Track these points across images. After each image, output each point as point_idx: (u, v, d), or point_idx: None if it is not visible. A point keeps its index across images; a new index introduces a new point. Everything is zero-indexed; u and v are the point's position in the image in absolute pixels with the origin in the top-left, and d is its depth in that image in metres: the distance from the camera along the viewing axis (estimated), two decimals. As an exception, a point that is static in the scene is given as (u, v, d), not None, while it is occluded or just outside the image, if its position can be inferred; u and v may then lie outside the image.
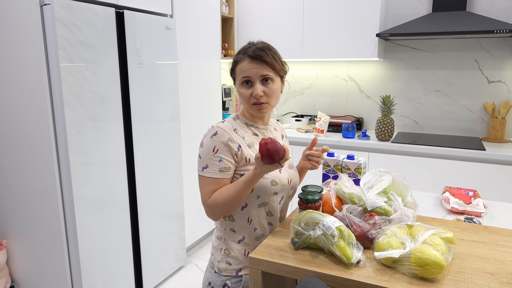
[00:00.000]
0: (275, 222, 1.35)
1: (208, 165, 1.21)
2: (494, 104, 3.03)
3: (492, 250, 1.18)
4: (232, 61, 1.30)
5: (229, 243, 1.30)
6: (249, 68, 1.23)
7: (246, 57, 1.24)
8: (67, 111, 1.92)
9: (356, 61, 3.50)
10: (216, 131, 1.23)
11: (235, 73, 1.28)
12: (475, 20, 2.72)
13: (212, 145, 1.22)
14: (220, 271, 1.31)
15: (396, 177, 1.38)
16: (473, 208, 1.56)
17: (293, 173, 1.38)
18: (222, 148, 1.21)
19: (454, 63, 3.16)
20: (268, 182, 1.25)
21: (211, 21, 3.09)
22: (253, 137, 1.31)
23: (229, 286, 1.29)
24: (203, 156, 1.23)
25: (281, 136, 1.46)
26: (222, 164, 1.21)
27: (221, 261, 1.31)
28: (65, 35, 1.88)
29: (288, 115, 3.84)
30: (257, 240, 1.31)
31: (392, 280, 1.01)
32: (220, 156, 1.21)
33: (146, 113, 2.42)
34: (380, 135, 2.98)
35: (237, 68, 1.27)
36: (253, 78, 1.23)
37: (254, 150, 1.27)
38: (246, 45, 1.28)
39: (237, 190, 1.17)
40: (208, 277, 1.35)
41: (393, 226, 1.16)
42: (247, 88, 1.25)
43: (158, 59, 2.47)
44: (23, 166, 2.07)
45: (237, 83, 1.28)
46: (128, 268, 2.39)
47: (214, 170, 1.21)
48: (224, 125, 1.26)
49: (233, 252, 1.30)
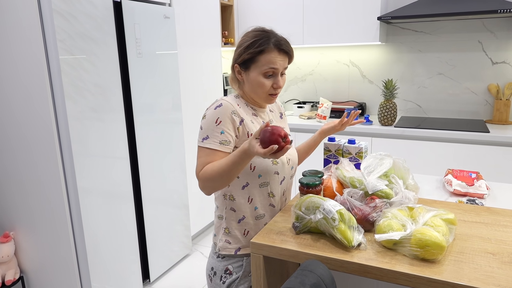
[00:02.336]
0: (277, 203, 1.35)
1: (208, 136, 1.20)
2: (498, 86, 2.99)
3: (493, 231, 1.18)
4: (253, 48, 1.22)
5: (229, 222, 1.31)
6: (279, 61, 1.23)
7: (275, 48, 1.22)
8: (68, 103, 1.92)
9: (357, 46, 3.47)
10: (220, 103, 1.22)
11: (258, 61, 1.22)
12: (477, 0, 2.67)
13: (215, 116, 1.20)
14: (219, 250, 1.32)
15: (396, 160, 1.38)
16: (475, 190, 1.56)
17: (292, 152, 1.38)
18: (225, 120, 1.20)
19: (457, 45, 3.11)
20: (269, 160, 1.26)
21: (211, 9, 3.06)
22: (253, 116, 1.30)
23: (230, 270, 1.30)
24: (205, 127, 1.21)
25: (280, 115, 1.45)
26: (223, 137, 1.20)
27: (221, 240, 1.33)
28: (63, 26, 1.87)
29: (290, 102, 3.83)
30: (257, 219, 1.31)
31: (393, 261, 1.02)
32: (222, 128, 1.20)
33: (148, 103, 2.42)
34: (383, 120, 2.96)
35: (262, 57, 1.22)
36: (278, 70, 1.24)
37: (256, 127, 1.27)
38: (262, 33, 1.24)
39: (227, 164, 1.12)
40: (210, 262, 1.37)
41: (394, 208, 1.16)
42: (269, 79, 1.24)
43: (157, 48, 2.46)
44: (27, 159, 2.09)
45: (257, 72, 1.23)
46: (135, 257, 2.42)
47: (214, 142, 1.19)
48: (229, 98, 1.26)
49: (233, 231, 1.31)
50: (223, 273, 1.31)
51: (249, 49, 1.22)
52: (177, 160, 2.71)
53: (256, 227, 1.31)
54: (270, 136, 1.03)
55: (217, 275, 1.33)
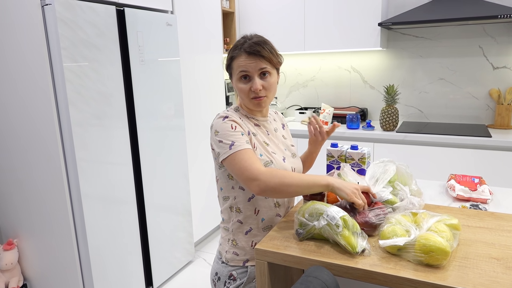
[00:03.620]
0: (283, 213, 1.36)
1: (234, 141, 1.18)
2: (500, 91, 3.00)
3: (497, 236, 1.18)
4: (227, 57, 1.29)
5: (237, 234, 1.31)
6: (247, 63, 1.23)
7: (243, 52, 1.23)
8: (72, 110, 1.94)
9: (359, 52, 3.48)
10: (226, 115, 1.24)
11: (232, 69, 1.28)
12: (478, 6, 2.69)
13: (228, 125, 1.22)
14: (227, 261, 1.32)
15: (400, 166, 1.38)
16: (478, 195, 1.56)
17: (297, 162, 1.39)
18: (238, 126, 1.23)
19: (458, 50, 3.13)
20: None
21: (212, 16, 3.08)
22: (255, 128, 1.31)
23: (235, 276, 1.30)
24: (225, 137, 1.20)
25: (282, 126, 1.46)
26: (245, 138, 1.21)
27: (229, 251, 1.33)
28: (67, 34, 1.89)
29: (292, 108, 3.84)
30: (264, 231, 1.31)
31: (398, 267, 1.02)
32: (240, 130, 1.22)
33: (150, 110, 2.43)
34: (385, 125, 2.97)
35: (234, 63, 1.26)
36: (251, 73, 1.24)
37: (259, 139, 1.28)
38: (241, 39, 1.28)
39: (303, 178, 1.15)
40: (215, 268, 1.37)
41: (398, 214, 1.16)
42: (246, 83, 1.25)
43: (160, 55, 2.48)
44: (30, 166, 2.10)
45: (235, 78, 1.28)
46: (138, 264, 2.42)
47: (242, 143, 1.19)
48: (229, 113, 1.27)
49: (240, 243, 1.31)
50: (227, 279, 1.31)
51: (228, 58, 1.29)
52: (179, 166, 2.72)
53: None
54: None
55: (221, 281, 1.33)
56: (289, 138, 1.45)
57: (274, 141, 1.34)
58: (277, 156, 1.29)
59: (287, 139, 1.42)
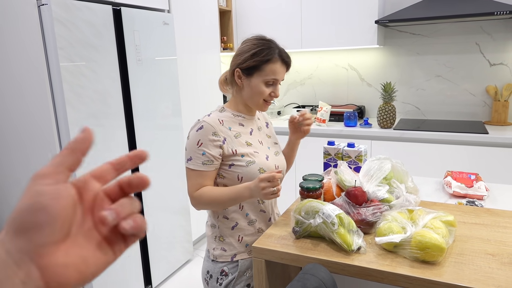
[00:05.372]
0: (268, 209, 1.37)
1: (192, 158, 1.25)
2: (497, 87, 3.01)
3: (493, 232, 1.19)
4: (260, 56, 1.25)
5: (223, 230, 1.34)
6: (281, 72, 1.29)
7: (279, 59, 1.27)
8: (69, 110, 1.94)
9: (356, 49, 3.48)
10: (202, 125, 1.25)
11: (262, 70, 1.26)
12: (474, 3, 2.69)
13: (196, 138, 1.25)
14: (216, 258, 1.34)
15: (395, 163, 1.38)
16: (475, 191, 1.57)
17: (280, 159, 1.40)
18: (206, 142, 1.24)
19: (455, 47, 3.13)
20: (256, 170, 1.27)
21: (209, 15, 3.08)
22: (239, 127, 1.32)
23: (226, 272, 1.32)
24: (188, 148, 1.27)
25: (266, 125, 1.47)
26: (205, 158, 1.24)
27: (216, 248, 1.34)
28: (63, 34, 1.89)
29: (290, 106, 3.84)
30: (250, 225, 1.33)
31: (394, 264, 1.02)
32: (203, 149, 1.24)
33: (148, 109, 2.43)
34: (382, 123, 2.97)
35: (267, 66, 1.26)
36: (278, 81, 1.30)
37: (241, 140, 1.29)
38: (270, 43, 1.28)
39: (224, 199, 1.22)
40: (206, 266, 1.38)
41: (394, 211, 1.17)
42: (268, 87, 1.29)
43: (157, 55, 2.48)
44: (28, 166, 2.10)
45: (259, 80, 1.27)
46: (137, 263, 2.42)
47: (197, 163, 1.24)
48: (210, 118, 1.27)
49: (228, 238, 1.33)
50: (219, 275, 1.33)
51: (256, 56, 1.26)
52: (177, 165, 2.72)
53: (250, 232, 1.33)
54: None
55: (213, 278, 1.34)
56: (273, 136, 1.47)
57: (258, 139, 1.36)
58: (260, 155, 1.31)
59: (271, 137, 1.45)
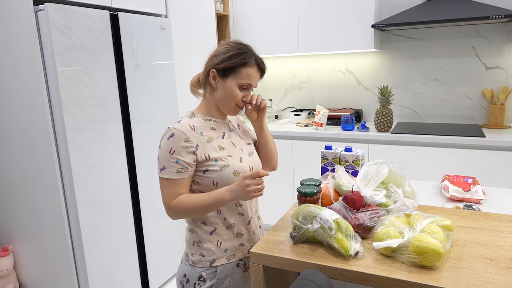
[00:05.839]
0: (246, 211, 1.35)
1: (165, 167, 1.23)
2: (493, 91, 3.02)
3: (491, 236, 1.19)
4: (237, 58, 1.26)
5: (201, 235, 1.31)
6: (256, 77, 1.30)
7: (255, 64, 1.28)
8: (66, 115, 1.93)
9: (353, 53, 3.50)
10: (173, 133, 1.23)
11: (238, 73, 1.26)
12: (470, 7, 2.71)
13: (168, 146, 1.22)
14: (194, 263, 1.32)
15: (392, 168, 1.39)
16: (472, 195, 1.57)
17: (254, 159, 1.38)
18: (178, 150, 1.22)
19: (451, 51, 3.15)
20: (230, 173, 1.26)
21: (206, 19, 3.09)
22: (211, 131, 1.31)
23: (204, 277, 1.30)
24: (161, 157, 1.24)
25: (237, 126, 1.45)
26: (179, 165, 1.22)
27: (195, 254, 1.32)
28: (60, 39, 1.89)
29: (287, 110, 3.84)
30: (229, 229, 1.31)
31: (392, 269, 1.02)
32: (176, 157, 1.22)
33: (145, 114, 2.43)
34: (379, 126, 2.98)
35: (244, 70, 1.26)
36: (252, 86, 1.30)
37: (214, 145, 1.28)
38: (247, 48, 1.29)
39: (203, 204, 1.20)
40: (183, 269, 1.35)
41: (391, 216, 1.17)
42: (241, 91, 1.29)
43: (154, 59, 2.48)
44: (25, 171, 2.09)
45: (234, 82, 1.27)
46: (134, 268, 2.41)
47: (171, 171, 1.22)
48: (181, 125, 1.26)
49: (206, 244, 1.30)
50: (196, 280, 1.30)
51: (233, 58, 1.26)
52: (175, 170, 2.71)
53: (228, 236, 1.31)
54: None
55: (190, 282, 1.31)
56: (246, 137, 1.45)
57: (230, 142, 1.34)
58: (233, 158, 1.30)
59: (244, 139, 1.43)
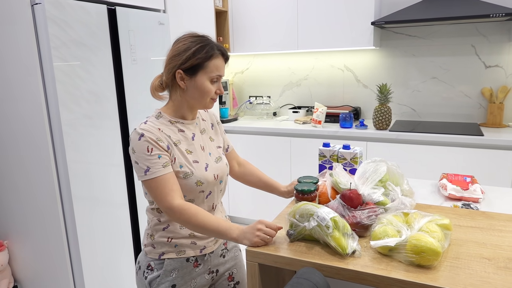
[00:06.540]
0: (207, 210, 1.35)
1: (149, 167, 1.18)
2: (492, 89, 3.01)
3: (489, 235, 1.18)
4: (202, 53, 1.22)
5: (155, 228, 1.32)
6: (223, 67, 1.28)
7: (220, 54, 1.26)
8: (62, 110, 1.91)
9: (352, 51, 3.48)
10: (142, 133, 1.20)
11: (206, 67, 1.23)
12: (470, 5, 2.70)
13: (144, 146, 1.19)
14: (146, 253, 1.34)
15: (391, 166, 1.38)
16: (470, 194, 1.56)
17: (220, 166, 1.36)
18: (155, 146, 1.19)
19: (451, 49, 3.14)
20: (193, 183, 1.25)
21: (205, 15, 3.07)
22: (179, 134, 1.28)
23: (152, 266, 1.31)
24: (140, 160, 1.19)
25: (211, 126, 1.43)
26: (163, 160, 1.19)
27: (147, 244, 1.34)
28: (57, 34, 1.87)
29: (286, 107, 3.83)
30: (182, 228, 1.30)
31: (389, 268, 1.01)
32: (157, 153, 1.19)
33: (142, 110, 2.41)
34: (378, 124, 2.97)
35: (211, 63, 1.23)
36: (221, 77, 1.29)
37: (181, 148, 1.26)
38: (205, 39, 1.26)
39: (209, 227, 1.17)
40: (139, 257, 1.38)
41: (389, 214, 1.16)
42: (213, 84, 1.27)
43: (152, 55, 2.46)
44: (21, 166, 2.08)
45: (205, 78, 1.24)
46: (130, 266, 2.40)
47: (158, 168, 1.18)
48: (148, 126, 1.23)
49: (158, 238, 1.31)
50: (145, 269, 1.32)
51: (198, 53, 1.22)
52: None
53: (181, 235, 1.30)
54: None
55: (141, 270, 1.34)
56: (217, 139, 1.43)
57: (199, 145, 1.32)
58: (199, 165, 1.28)
59: (214, 141, 1.40)
